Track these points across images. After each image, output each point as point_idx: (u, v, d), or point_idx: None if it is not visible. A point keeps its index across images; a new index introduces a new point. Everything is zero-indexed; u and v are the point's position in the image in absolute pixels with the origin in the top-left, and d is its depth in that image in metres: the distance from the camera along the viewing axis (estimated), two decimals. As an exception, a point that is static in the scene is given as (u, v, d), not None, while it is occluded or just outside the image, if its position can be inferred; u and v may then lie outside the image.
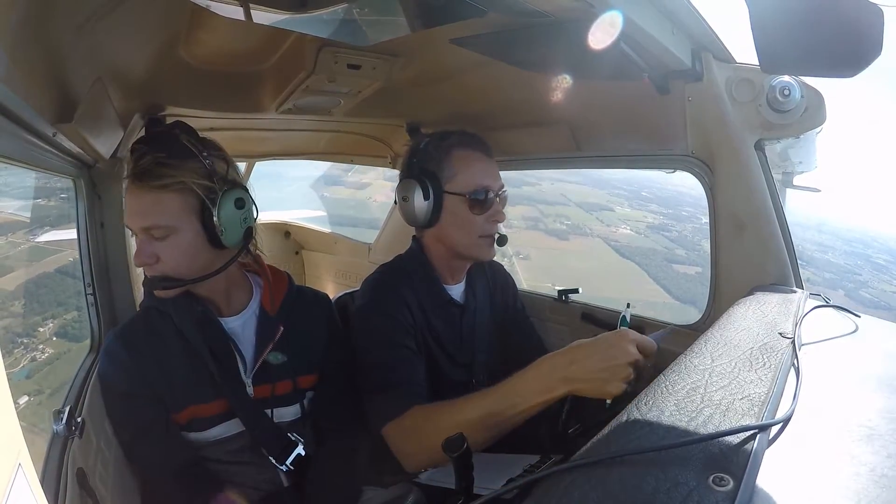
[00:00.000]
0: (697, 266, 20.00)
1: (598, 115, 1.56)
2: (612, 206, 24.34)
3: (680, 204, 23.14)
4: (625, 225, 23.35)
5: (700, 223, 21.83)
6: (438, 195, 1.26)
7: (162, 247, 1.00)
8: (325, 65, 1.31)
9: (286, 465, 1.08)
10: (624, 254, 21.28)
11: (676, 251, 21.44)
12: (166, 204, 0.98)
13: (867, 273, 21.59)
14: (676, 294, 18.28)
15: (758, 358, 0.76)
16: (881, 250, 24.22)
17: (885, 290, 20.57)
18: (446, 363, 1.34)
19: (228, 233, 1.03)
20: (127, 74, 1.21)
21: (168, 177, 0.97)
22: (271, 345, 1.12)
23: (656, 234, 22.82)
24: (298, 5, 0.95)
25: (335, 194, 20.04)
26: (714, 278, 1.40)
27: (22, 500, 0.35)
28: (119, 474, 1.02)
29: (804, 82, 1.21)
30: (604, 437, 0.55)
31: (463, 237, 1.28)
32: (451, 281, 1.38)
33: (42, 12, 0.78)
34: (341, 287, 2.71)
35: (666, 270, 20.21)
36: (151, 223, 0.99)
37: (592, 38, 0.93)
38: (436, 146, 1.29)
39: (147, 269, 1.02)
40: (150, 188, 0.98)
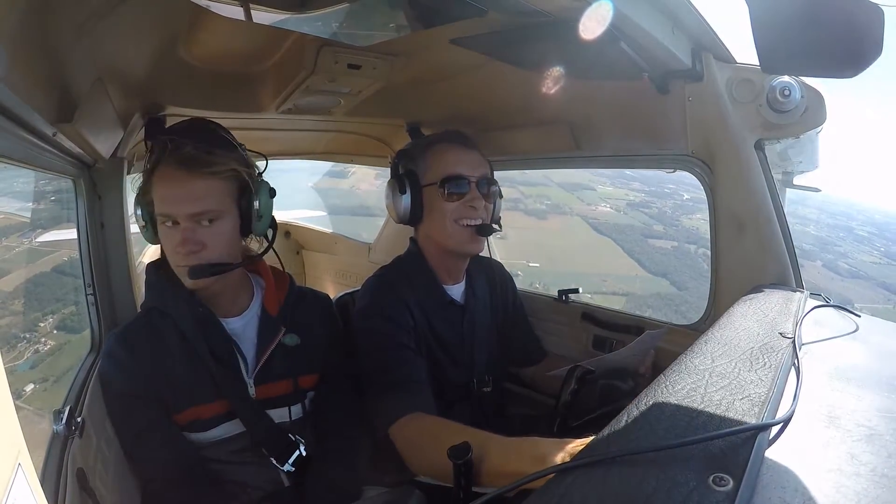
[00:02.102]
0: (674, 241, 20.33)
1: (598, 115, 1.56)
2: (594, 186, 24.49)
3: (662, 181, 23.23)
4: (605, 203, 23.54)
5: (681, 200, 22.04)
6: (417, 191, 1.29)
7: (207, 233, 1.01)
8: (326, 65, 1.31)
9: (287, 466, 1.08)
10: (601, 230, 21.61)
11: (654, 227, 21.72)
12: (217, 190, 1.01)
13: (847, 244, 21.77)
14: (648, 267, 18.73)
15: (758, 358, 0.75)
16: (865, 223, 24.38)
17: (865, 260, 20.74)
18: (447, 364, 1.34)
19: (265, 219, 1.08)
20: (127, 74, 1.21)
21: (219, 164, 1.01)
22: (273, 345, 1.12)
23: (635, 210, 23.06)
24: (298, 5, 0.95)
25: (320, 185, 20.12)
26: (714, 278, 1.40)
27: (22, 500, 0.35)
28: (119, 474, 1.02)
29: (804, 82, 1.21)
30: (604, 437, 0.55)
31: (441, 229, 1.29)
32: (450, 281, 1.38)
33: (42, 12, 0.78)
34: (341, 287, 2.71)
35: (641, 245, 20.59)
36: (203, 209, 1.00)
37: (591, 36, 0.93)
38: (416, 146, 1.35)
39: (190, 257, 1.01)
40: (200, 175, 0.99)
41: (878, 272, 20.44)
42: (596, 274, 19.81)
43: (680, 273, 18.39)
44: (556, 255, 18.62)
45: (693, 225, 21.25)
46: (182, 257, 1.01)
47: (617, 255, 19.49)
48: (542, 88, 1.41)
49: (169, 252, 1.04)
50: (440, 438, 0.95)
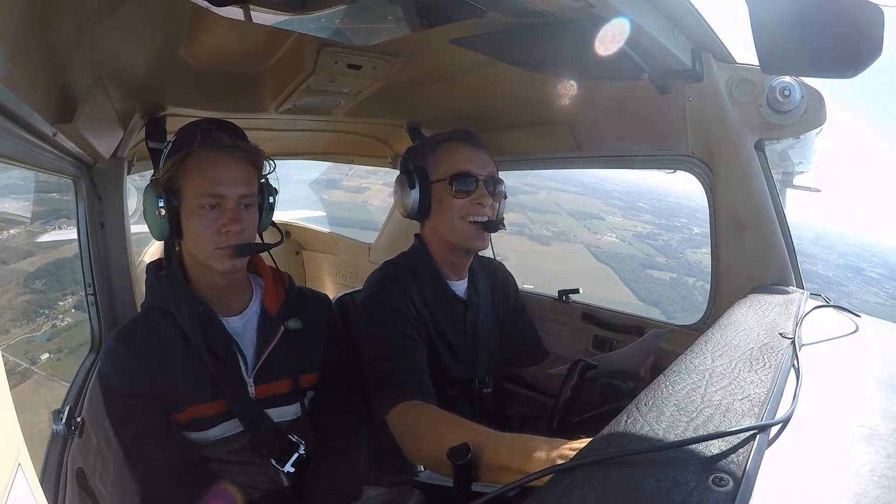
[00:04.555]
0: (673, 272, 20.63)
1: (599, 116, 1.56)
2: (604, 216, 24.73)
3: (675, 214, 23.53)
4: (611, 233, 23.81)
5: (690, 234, 22.31)
6: (426, 187, 1.32)
7: (247, 215, 1.07)
8: (326, 65, 1.31)
9: (287, 466, 1.08)
10: (601, 258, 21.85)
11: (657, 258, 21.97)
12: (253, 177, 1.08)
13: (854, 285, 21.89)
14: (642, 296, 19.15)
15: (758, 358, 0.75)
16: (878, 265, 24.49)
17: (868, 300, 20.85)
18: (449, 359, 1.34)
19: (272, 214, 1.15)
20: (127, 74, 1.21)
21: (255, 153, 1.08)
22: (272, 344, 1.12)
23: (641, 242, 23.34)
24: (298, 5, 0.95)
25: (333, 198, 20.35)
26: (714, 278, 1.40)
27: (22, 500, 0.35)
28: (119, 474, 1.02)
29: (804, 83, 1.21)
30: (604, 437, 0.55)
31: (449, 225, 1.31)
32: (454, 277, 1.39)
33: (42, 12, 0.78)
34: (341, 287, 2.71)
35: (639, 274, 20.88)
36: (250, 191, 1.07)
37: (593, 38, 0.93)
38: (426, 144, 1.37)
39: (234, 237, 1.04)
40: (245, 161, 1.06)
41: (880, 312, 20.39)
42: (589, 298, 19.91)
43: (672, 303, 18.68)
44: (552, 278, 18.92)
45: (696, 259, 21.46)
46: (225, 238, 1.04)
47: (612, 283, 19.77)
48: (542, 89, 1.42)
49: (207, 235, 1.04)
50: (437, 428, 0.99)
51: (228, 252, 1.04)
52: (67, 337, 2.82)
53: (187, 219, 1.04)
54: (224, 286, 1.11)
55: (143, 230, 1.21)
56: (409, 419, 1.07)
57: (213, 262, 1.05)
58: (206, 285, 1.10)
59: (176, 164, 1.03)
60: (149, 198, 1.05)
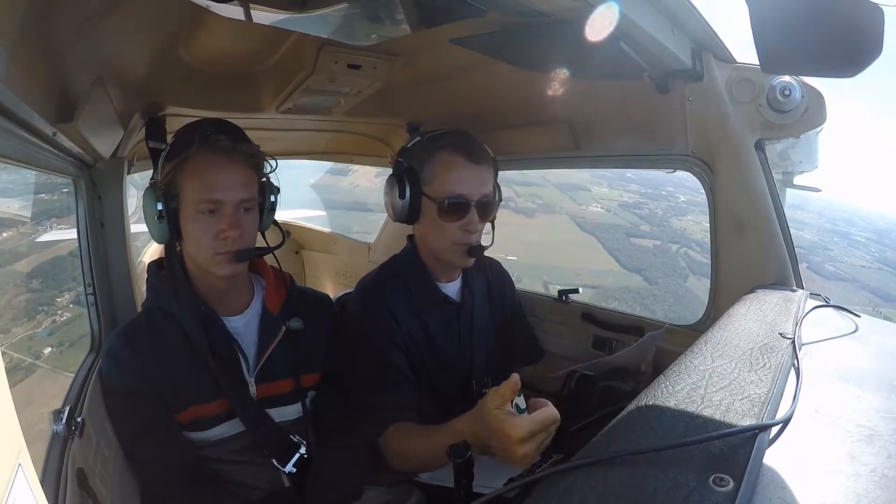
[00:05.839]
0: (657, 239, 20.66)
1: (599, 115, 1.56)
2: (589, 187, 24.75)
3: (661, 183, 23.51)
4: (597, 203, 23.83)
5: (676, 201, 22.30)
6: (417, 195, 1.26)
7: (246, 219, 1.05)
8: (326, 65, 1.31)
9: (289, 467, 1.08)
10: (586, 229, 21.92)
11: (641, 226, 22.00)
12: (253, 180, 1.07)
13: (839, 248, 21.88)
14: (625, 263, 19.32)
15: (758, 358, 0.76)
16: (865, 229, 24.43)
17: (854, 264, 20.83)
18: (443, 365, 1.33)
19: (273, 215, 1.14)
20: (127, 74, 1.21)
21: (256, 157, 1.07)
22: (273, 344, 1.12)
23: (626, 211, 23.37)
24: (298, 5, 0.95)
25: (321, 181, 20.30)
26: (714, 278, 1.40)
27: (22, 500, 0.35)
28: (119, 474, 1.02)
29: (804, 82, 1.21)
30: (604, 437, 0.55)
31: (436, 241, 1.29)
32: (445, 279, 1.37)
33: (42, 12, 0.78)
34: (341, 287, 2.71)
35: (622, 243, 21.02)
36: (249, 195, 1.05)
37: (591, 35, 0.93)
38: (424, 146, 1.29)
39: (233, 242, 1.03)
40: (244, 164, 1.04)
41: (866, 276, 20.55)
42: (570, 268, 20.34)
43: (655, 270, 18.82)
44: (536, 249, 18.99)
45: (681, 226, 21.49)
46: (224, 243, 1.03)
47: (596, 252, 19.95)
48: (542, 88, 1.41)
49: (206, 240, 1.03)
50: (415, 448, 1.09)
51: (227, 257, 1.03)
52: (68, 331, 2.87)
53: (186, 223, 1.03)
54: (225, 287, 1.11)
55: (144, 229, 1.21)
56: (387, 444, 1.14)
57: (213, 267, 1.05)
58: (206, 286, 1.10)
59: (174, 167, 1.02)
60: (148, 201, 1.04)
